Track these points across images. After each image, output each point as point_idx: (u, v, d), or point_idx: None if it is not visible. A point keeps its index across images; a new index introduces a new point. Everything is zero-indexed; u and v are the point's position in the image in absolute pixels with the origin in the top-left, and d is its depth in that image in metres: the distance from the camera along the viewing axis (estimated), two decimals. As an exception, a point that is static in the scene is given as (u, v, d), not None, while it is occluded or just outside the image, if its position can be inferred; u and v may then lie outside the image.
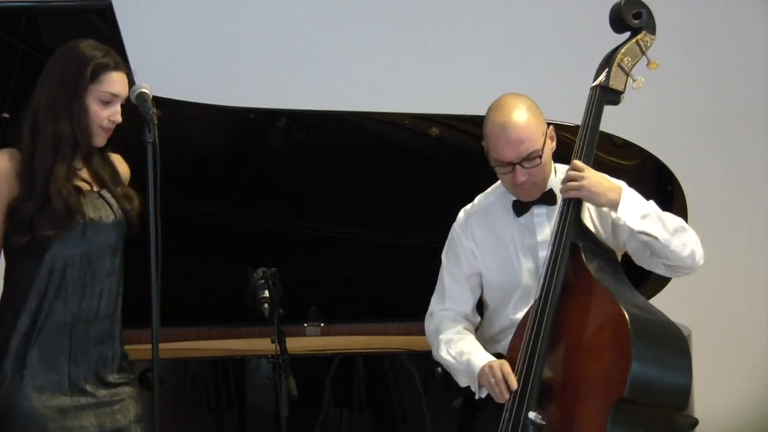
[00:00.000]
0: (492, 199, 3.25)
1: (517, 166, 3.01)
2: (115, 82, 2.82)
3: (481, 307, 3.29)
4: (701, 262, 3.07)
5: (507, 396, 2.91)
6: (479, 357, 3.07)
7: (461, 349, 3.12)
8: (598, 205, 3.01)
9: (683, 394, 2.81)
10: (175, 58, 4.75)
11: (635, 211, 2.94)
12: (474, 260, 3.22)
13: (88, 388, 2.83)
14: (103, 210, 2.85)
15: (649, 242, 2.97)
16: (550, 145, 3.08)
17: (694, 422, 2.94)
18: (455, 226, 3.27)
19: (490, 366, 2.98)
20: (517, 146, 2.99)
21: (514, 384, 2.91)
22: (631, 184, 3.04)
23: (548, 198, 3.13)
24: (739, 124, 5.41)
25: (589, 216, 3.10)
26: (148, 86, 2.75)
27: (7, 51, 3.33)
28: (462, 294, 3.24)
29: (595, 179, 2.96)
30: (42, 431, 2.77)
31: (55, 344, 2.81)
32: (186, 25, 4.93)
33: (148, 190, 2.68)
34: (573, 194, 2.95)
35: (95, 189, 2.88)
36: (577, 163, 2.98)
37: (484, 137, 3.09)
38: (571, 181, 2.96)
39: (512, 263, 3.17)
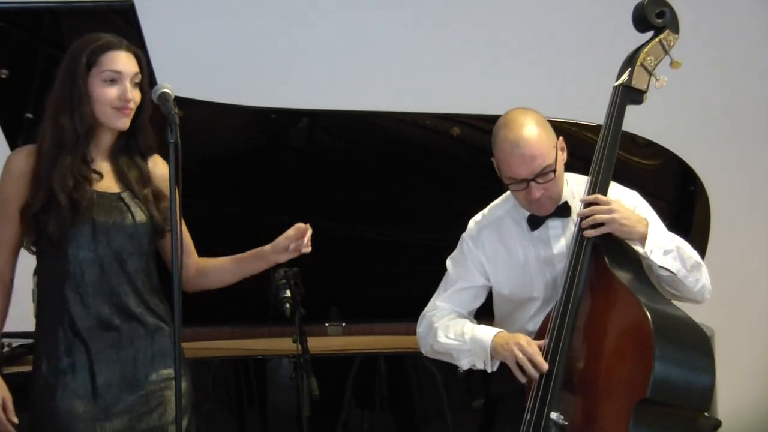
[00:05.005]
0: (502, 211, 3.21)
1: (532, 183, 2.98)
2: (115, 60, 2.79)
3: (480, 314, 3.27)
4: (708, 297, 3.06)
5: (536, 375, 2.87)
6: (486, 330, 3.05)
7: (461, 330, 3.08)
8: (626, 238, 2.94)
9: (706, 395, 2.80)
10: (197, 58, 4.75)
11: (660, 247, 2.92)
12: (483, 272, 3.19)
13: (113, 393, 2.81)
14: (118, 213, 2.83)
15: (665, 276, 2.95)
16: (562, 157, 3.05)
17: (717, 423, 2.92)
18: (466, 236, 3.24)
19: (517, 342, 2.92)
20: (531, 163, 2.96)
21: (544, 365, 2.88)
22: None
23: (563, 210, 3.10)
24: (762, 124, 5.38)
25: None
26: (170, 86, 2.72)
27: (29, 51, 3.35)
28: (461, 298, 3.20)
29: (624, 212, 2.92)
30: None
31: (79, 348, 2.80)
32: (208, 25, 4.94)
33: (170, 190, 2.67)
34: (599, 230, 2.89)
35: (117, 191, 2.86)
36: (600, 197, 2.93)
37: (494, 155, 3.06)
38: (594, 215, 2.90)
39: (525, 276, 3.15)
